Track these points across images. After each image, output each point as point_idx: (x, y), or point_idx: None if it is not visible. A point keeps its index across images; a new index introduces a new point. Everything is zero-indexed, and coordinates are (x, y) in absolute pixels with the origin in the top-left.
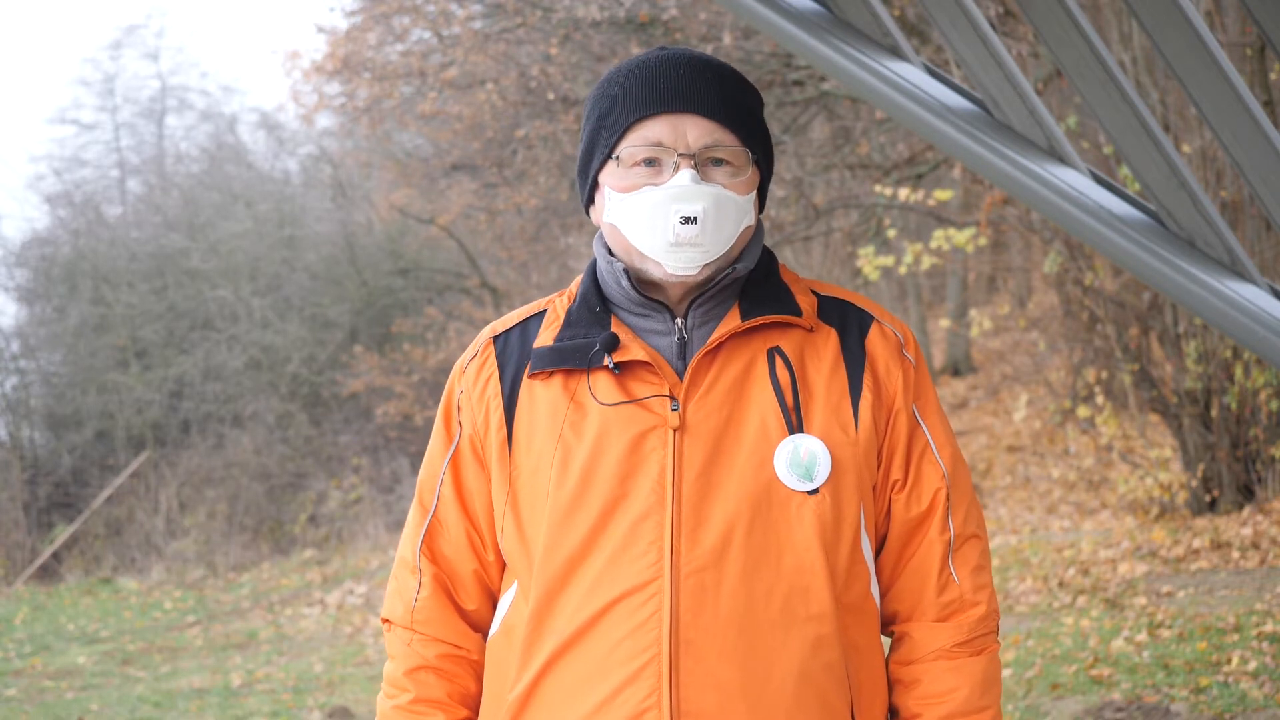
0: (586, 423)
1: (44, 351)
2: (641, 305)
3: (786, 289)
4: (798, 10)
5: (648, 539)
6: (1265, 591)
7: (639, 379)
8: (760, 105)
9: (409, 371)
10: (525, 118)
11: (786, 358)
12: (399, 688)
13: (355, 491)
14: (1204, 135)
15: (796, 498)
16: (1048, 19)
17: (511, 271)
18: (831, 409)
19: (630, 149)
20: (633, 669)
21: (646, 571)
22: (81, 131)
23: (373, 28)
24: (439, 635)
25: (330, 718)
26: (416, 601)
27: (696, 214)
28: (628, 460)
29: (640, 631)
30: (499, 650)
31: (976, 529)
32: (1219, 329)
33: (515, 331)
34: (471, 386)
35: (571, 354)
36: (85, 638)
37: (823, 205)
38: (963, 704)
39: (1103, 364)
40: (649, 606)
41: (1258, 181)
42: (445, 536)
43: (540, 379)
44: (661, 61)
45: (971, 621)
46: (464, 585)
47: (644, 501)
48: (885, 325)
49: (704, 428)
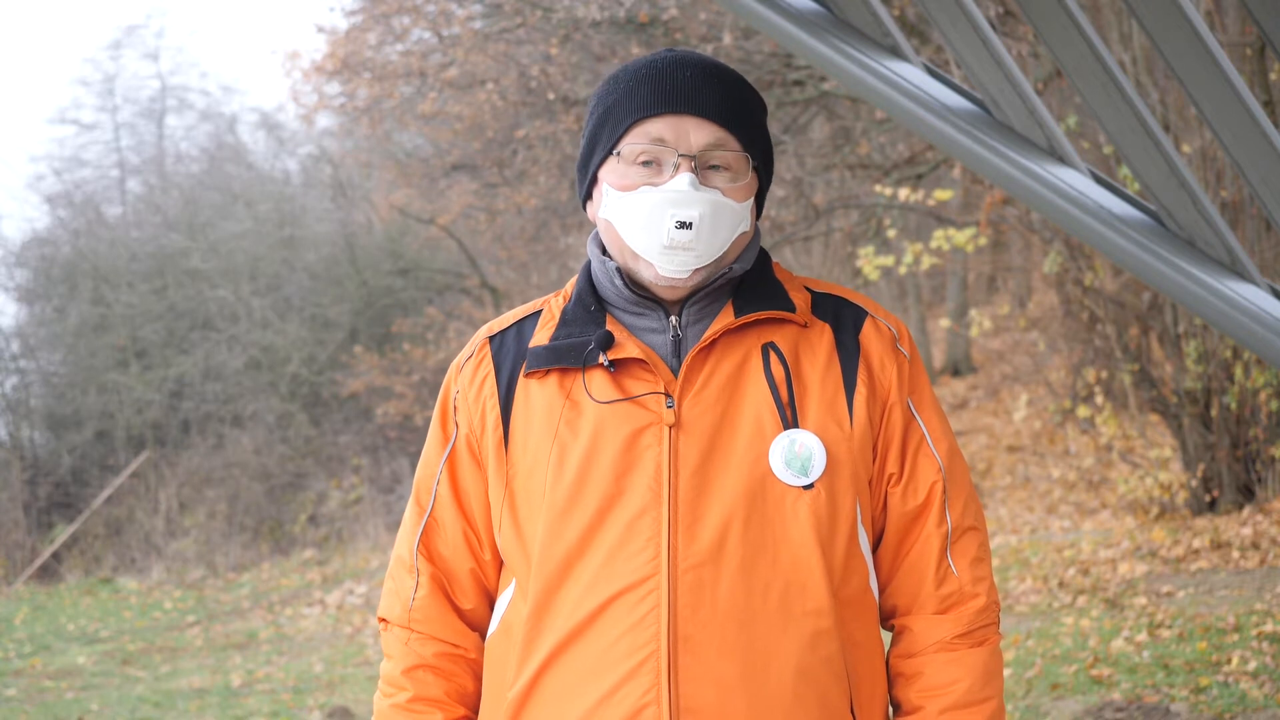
0: (582, 421)
1: (44, 351)
2: (636, 304)
3: (780, 286)
4: (798, 10)
5: (645, 535)
6: (1265, 591)
7: (634, 376)
8: (764, 113)
9: (409, 371)
10: (525, 118)
11: (781, 353)
12: (396, 686)
13: (355, 491)
14: (1204, 135)
15: (792, 493)
16: (1048, 19)
17: (511, 271)
18: (826, 404)
19: (632, 145)
20: (632, 665)
21: (644, 568)
22: (81, 131)
23: (373, 28)
24: (436, 634)
25: (330, 718)
26: (414, 600)
27: (692, 219)
28: (624, 457)
29: (639, 627)
30: (498, 648)
31: (974, 521)
32: (1219, 329)
33: (511, 331)
34: (468, 386)
35: (567, 352)
36: (85, 638)
37: (823, 205)
38: (964, 695)
39: (1103, 364)
40: (647, 602)
41: (1258, 181)
42: (442, 535)
43: (536, 378)
44: (669, 63)
45: (971, 613)
46: (461, 584)
47: (640, 498)
48: (879, 320)
49: (699, 424)
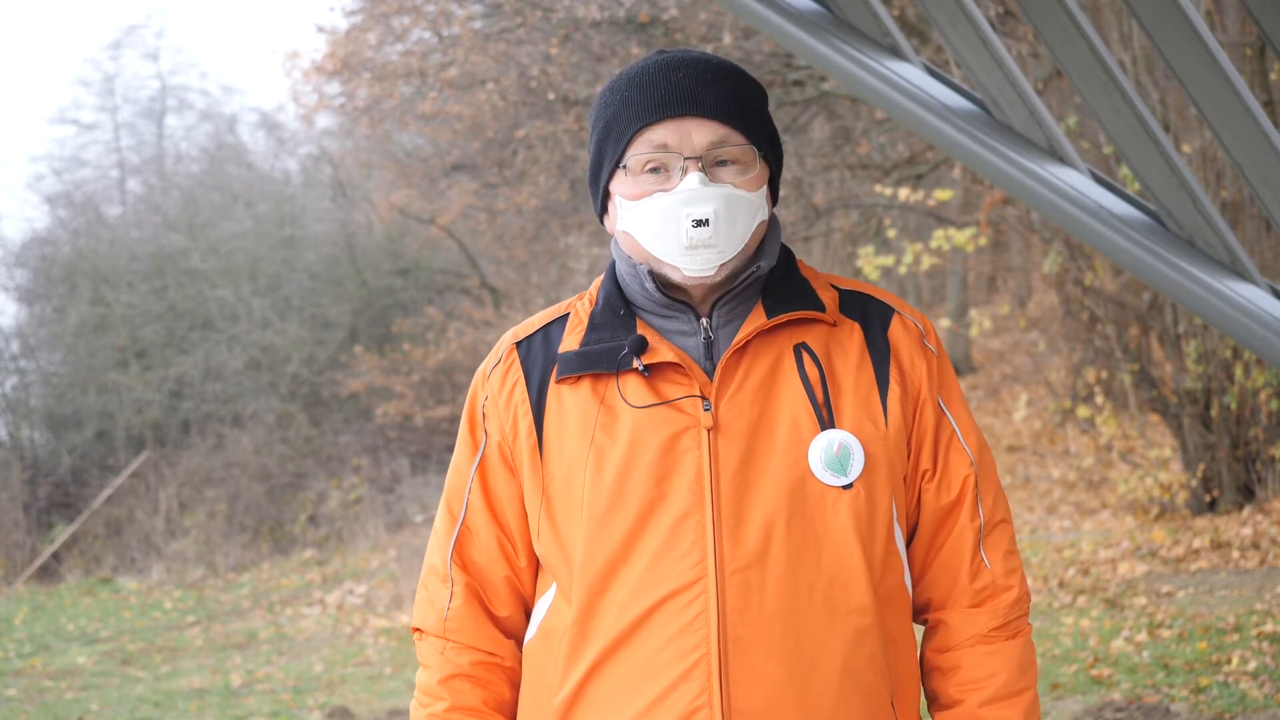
0: (618, 425)
1: (44, 351)
2: (666, 306)
3: (808, 284)
4: (798, 10)
5: (690, 539)
6: (1265, 591)
7: (668, 380)
8: (764, 99)
9: (409, 371)
10: (525, 118)
11: (814, 353)
12: (434, 696)
13: (355, 491)
14: (1204, 135)
15: (832, 493)
16: (1048, 19)
17: (511, 271)
18: (861, 403)
19: (637, 156)
20: (683, 668)
21: (691, 571)
22: (81, 131)
23: (373, 28)
24: (473, 643)
25: (330, 718)
26: (449, 610)
27: (708, 216)
28: (663, 461)
29: (688, 631)
30: (537, 654)
31: (1005, 514)
32: (1219, 329)
33: (538, 336)
34: (497, 392)
35: (599, 358)
36: (85, 638)
37: (823, 205)
38: (1002, 687)
39: (1103, 364)
40: (696, 606)
41: (1258, 181)
42: (476, 544)
43: (568, 384)
44: (660, 66)
45: (1005, 605)
46: (496, 592)
47: (683, 502)
48: (906, 316)
49: (737, 426)
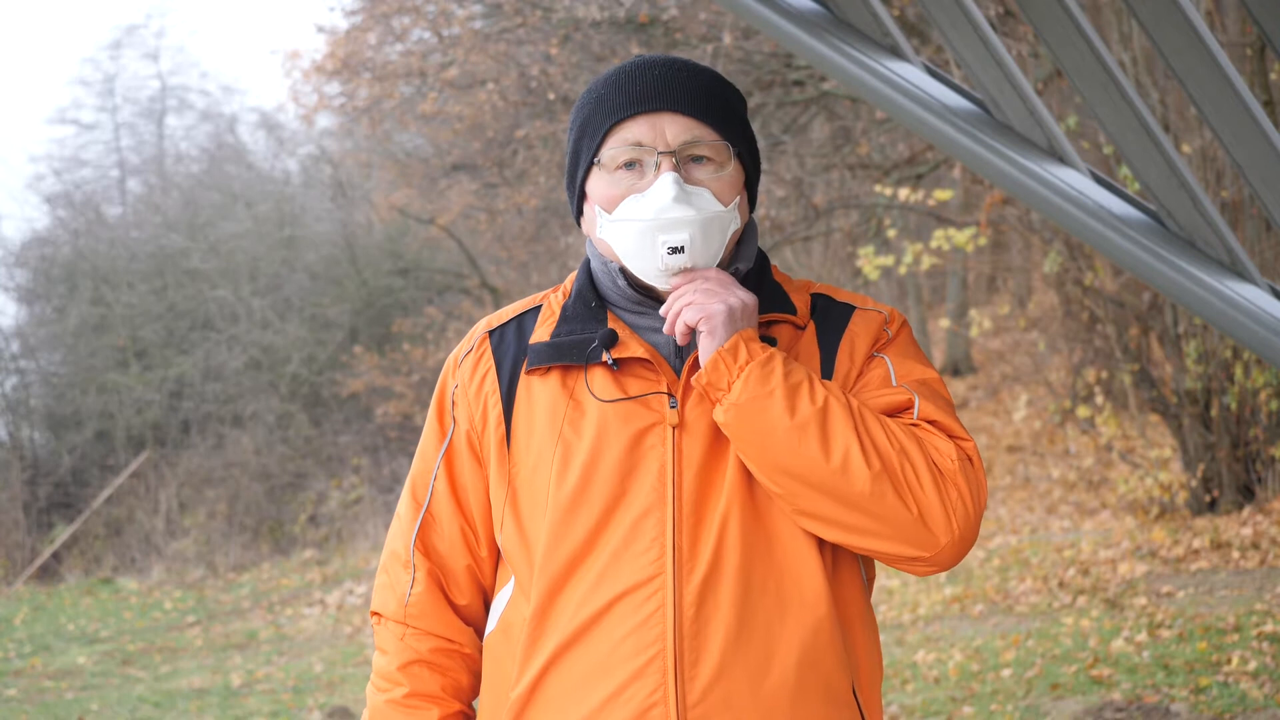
0: (585, 420)
1: (44, 351)
2: (638, 303)
3: (780, 288)
4: (798, 10)
5: (650, 536)
6: (1265, 591)
7: (636, 376)
8: (742, 103)
9: (409, 371)
10: (525, 118)
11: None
12: (392, 682)
13: (355, 491)
14: (1204, 135)
15: None
16: (1048, 19)
17: (511, 271)
18: None
19: (612, 151)
20: (638, 664)
21: (649, 568)
22: (81, 131)
23: (373, 28)
24: (433, 629)
25: (330, 718)
26: (410, 596)
27: (683, 243)
28: (628, 458)
29: (645, 627)
30: (497, 648)
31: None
32: (1219, 329)
33: (511, 326)
34: (468, 381)
35: (569, 350)
36: (85, 638)
37: (823, 205)
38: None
39: (1103, 364)
40: (653, 602)
41: (1258, 181)
42: (439, 531)
43: (538, 375)
44: (636, 66)
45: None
46: (457, 581)
47: (645, 499)
48: (869, 310)
49: (701, 425)
